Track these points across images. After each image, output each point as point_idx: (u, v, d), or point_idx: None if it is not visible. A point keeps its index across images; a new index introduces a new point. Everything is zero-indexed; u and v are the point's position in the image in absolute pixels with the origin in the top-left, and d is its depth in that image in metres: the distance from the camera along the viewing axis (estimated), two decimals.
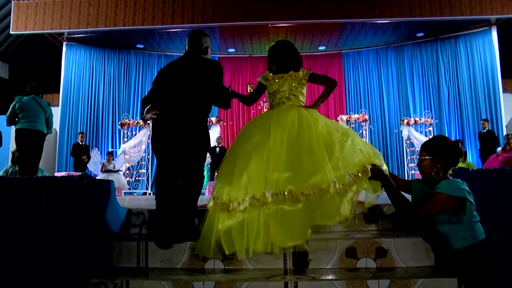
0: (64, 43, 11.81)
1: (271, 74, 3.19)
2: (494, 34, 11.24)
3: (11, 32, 10.93)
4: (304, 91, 3.17)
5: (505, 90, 11.67)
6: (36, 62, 12.88)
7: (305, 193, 2.50)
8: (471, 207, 2.26)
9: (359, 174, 2.61)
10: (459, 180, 2.35)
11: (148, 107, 2.93)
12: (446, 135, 11.50)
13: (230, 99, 3.26)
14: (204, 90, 3.00)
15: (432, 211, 2.32)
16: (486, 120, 10.27)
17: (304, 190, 2.51)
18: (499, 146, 9.51)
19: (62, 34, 11.36)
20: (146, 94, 3.22)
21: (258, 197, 2.54)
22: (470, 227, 2.29)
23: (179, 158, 2.96)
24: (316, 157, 2.65)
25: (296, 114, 2.94)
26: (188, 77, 3.00)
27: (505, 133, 10.13)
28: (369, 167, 2.65)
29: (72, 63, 11.90)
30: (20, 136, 6.04)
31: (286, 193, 2.52)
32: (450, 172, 2.51)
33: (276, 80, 3.13)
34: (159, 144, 3.02)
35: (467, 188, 2.29)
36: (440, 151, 2.41)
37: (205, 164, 3.49)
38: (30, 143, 6.01)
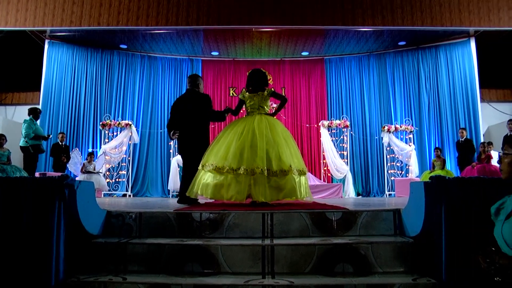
0: (46, 41, 11.61)
1: (247, 93, 4.72)
2: (473, 44, 11.50)
3: None
4: (268, 103, 4.72)
5: (482, 99, 11.93)
6: (17, 59, 12.62)
7: (256, 171, 4.05)
8: None
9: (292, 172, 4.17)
10: None
11: (171, 132, 5.00)
12: (426, 143, 11.83)
13: (224, 115, 5.22)
14: (202, 113, 5.00)
15: None
16: (464, 128, 10.49)
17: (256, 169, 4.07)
18: (476, 153, 9.74)
19: (45, 31, 11.16)
20: (169, 119, 5.18)
21: (235, 167, 4.08)
22: None
23: (193, 154, 4.78)
24: (275, 147, 4.22)
25: (261, 119, 4.46)
26: (193, 105, 5.00)
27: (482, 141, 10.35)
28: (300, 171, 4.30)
29: (54, 62, 11.70)
30: None
31: (254, 170, 4.06)
32: None
33: (250, 98, 4.67)
34: (184, 149, 5.01)
35: None
36: None
37: None
38: None
